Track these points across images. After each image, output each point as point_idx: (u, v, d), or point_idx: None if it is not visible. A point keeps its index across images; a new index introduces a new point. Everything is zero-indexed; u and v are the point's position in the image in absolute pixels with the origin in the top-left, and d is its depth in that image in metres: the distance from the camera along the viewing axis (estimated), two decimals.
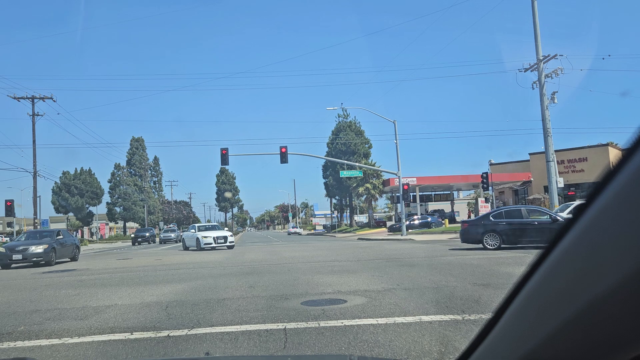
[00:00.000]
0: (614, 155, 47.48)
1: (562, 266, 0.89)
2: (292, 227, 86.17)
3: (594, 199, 0.83)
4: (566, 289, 0.86)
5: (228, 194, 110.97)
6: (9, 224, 44.08)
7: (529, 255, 13.97)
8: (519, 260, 12.80)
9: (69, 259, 22.84)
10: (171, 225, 75.96)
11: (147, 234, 52.47)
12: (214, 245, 28.14)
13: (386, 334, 5.39)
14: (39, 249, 20.19)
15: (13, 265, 20.40)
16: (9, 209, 36.33)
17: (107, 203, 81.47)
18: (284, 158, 33.30)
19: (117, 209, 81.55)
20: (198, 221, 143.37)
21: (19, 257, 19.90)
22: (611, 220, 0.77)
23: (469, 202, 63.52)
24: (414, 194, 53.14)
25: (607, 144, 48.31)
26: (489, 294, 7.68)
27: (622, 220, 0.75)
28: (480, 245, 17.88)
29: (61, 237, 22.67)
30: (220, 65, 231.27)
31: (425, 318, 6.11)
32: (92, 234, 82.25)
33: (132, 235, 59.27)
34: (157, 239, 54.86)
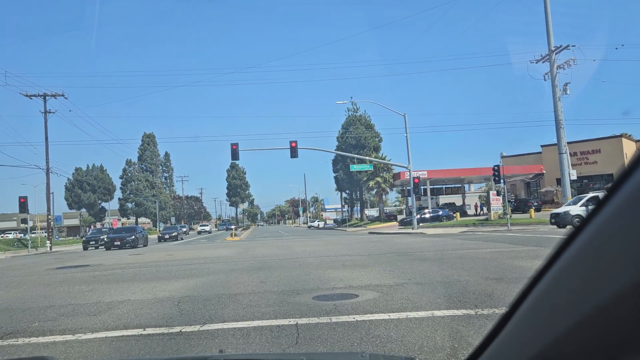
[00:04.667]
0: (628, 147, 46.89)
1: (575, 265, 0.86)
2: (311, 222, 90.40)
3: (611, 196, 0.79)
4: (579, 288, 0.84)
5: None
6: (23, 221, 44.43)
7: (542, 249, 13.85)
8: (532, 254, 12.68)
9: (143, 245, 34.60)
10: None
11: None
12: None
13: (398, 330, 5.35)
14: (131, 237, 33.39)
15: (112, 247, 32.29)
16: (23, 205, 36.73)
17: (119, 199, 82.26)
18: (294, 152, 33.29)
19: (129, 205, 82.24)
20: (209, 217, 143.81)
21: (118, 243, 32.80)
22: (626, 221, 0.74)
23: (480, 195, 63.12)
24: (425, 187, 52.92)
25: (621, 135, 47.70)
26: (502, 288, 7.61)
27: (637, 223, 0.71)
28: None
29: (139, 232, 36.07)
30: (229, 60, 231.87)
31: (437, 313, 6.07)
32: None
33: None
34: None
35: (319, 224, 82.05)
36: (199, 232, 71.15)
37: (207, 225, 78.41)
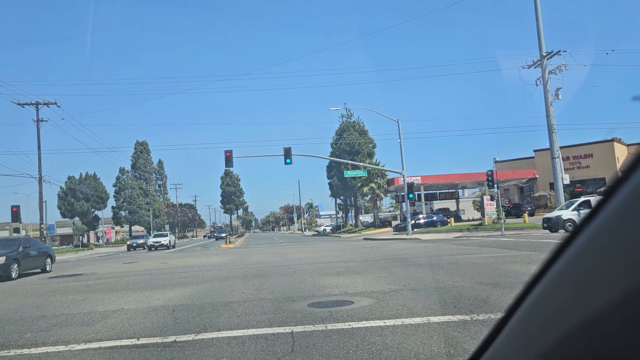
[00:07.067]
0: (619, 151, 47.21)
1: (570, 271, 0.87)
2: (317, 227, 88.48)
3: (605, 202, 0.79)
4: (574, 294, 0.84)
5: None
6: (16, 230, 44.09)
7: (537, 254, 13.88)
8: (527, 259, 12.71)
9: (39, 270, 20.15)
10: None
11: None
12: None
13: (394, 336, 5.34)
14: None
15: None
16: (15, 214, 36.46)
17: (113, 207, 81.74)
18: (288, 159, 33.28)
19: (123, 213, 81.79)
20: (203, 224, 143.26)
21: None
22: (621, 227, 0.74)
23: (474, 200, 63.26)
24: (419, 192, 53.00)
25: (613, 140, 48.02)
26: (498, 294, 7.61)
27: (632, 228, 0.71)
28: None
29: (29, 247, 19.26)
30: (222, 68, 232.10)
31: (433, 319, 6.06)
32: (98, 238, 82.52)
33: None
34: None
35: (324, 229, 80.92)
36: (150, 248, 45.13)
37: (166, 236, 47.93)
